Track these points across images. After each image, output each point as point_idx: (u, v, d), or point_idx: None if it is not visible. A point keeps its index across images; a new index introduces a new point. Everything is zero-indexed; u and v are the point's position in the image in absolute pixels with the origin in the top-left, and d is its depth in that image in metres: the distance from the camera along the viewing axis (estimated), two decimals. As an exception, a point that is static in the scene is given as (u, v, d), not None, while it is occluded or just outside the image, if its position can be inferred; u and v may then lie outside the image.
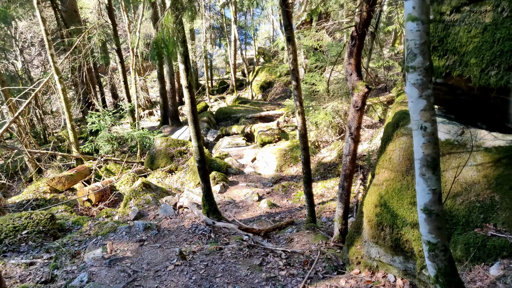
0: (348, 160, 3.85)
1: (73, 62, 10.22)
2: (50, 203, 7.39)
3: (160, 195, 7.13)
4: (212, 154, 10.85)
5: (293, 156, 9.05)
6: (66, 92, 9.25)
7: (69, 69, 10.77)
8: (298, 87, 4.68)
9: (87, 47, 10.33)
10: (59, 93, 9.25)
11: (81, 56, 10.20)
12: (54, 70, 8.94)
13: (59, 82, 9.13)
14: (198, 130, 5.46)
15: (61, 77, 9.14)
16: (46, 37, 8.61)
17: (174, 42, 3.86)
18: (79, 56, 10.32)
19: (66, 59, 9.81)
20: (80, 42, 10.06)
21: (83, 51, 10.24)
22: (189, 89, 5.12)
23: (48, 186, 7.58)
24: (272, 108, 17.56)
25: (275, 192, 7.53)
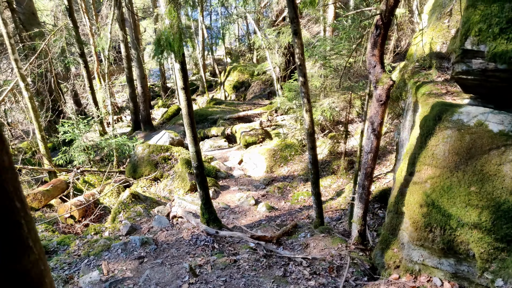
0: (370, 158, 3.65)
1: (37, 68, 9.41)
2: (26, 222, 6.70)
3: (151, 205, 6.66)
4: (195, 158, 10.40)
5: (283, 156, 8.82)
6: (34, 100, 8.49)
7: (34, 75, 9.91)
8: (306, 83, 4.43)
9: (53, 51, 9.55)
10: (26, 101, 8.47)
11: (47, 61, 9.41)
12: (19, 76, 8.17)
13: (26, 89, 8.37)
14: (195, 134, 5.08)
15: (27, 84, 8.37)
16: (9, 40, 7.84)
17: (180, 39, 3.49)
18: (45, 60, 9.52)
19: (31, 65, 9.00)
20: (45, 46, 9.29)
21: (49, 55, 9.46)
22: (185, 90, 4.74)
23: (22, 204, 6.87)
24: (249, 108, 17.28)
25: (270, 194, 7.26)
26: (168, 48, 3.48)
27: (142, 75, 16.47)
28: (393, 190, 3.41)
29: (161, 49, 3.57)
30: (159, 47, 3.54)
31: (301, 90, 4.51)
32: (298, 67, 4.36)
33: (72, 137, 8.77)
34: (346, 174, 7.19)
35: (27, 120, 14.26)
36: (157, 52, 3.65)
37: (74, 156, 8.98)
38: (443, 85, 3.41)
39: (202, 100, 23.11)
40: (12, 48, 8.01)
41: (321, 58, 6.11)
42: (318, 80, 6.10)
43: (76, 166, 8.69)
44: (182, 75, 4.61)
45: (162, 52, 3.65)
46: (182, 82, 4.67)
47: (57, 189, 7.67)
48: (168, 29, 3.37)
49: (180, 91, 4.75)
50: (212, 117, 15.41)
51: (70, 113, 8.83)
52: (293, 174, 8.23)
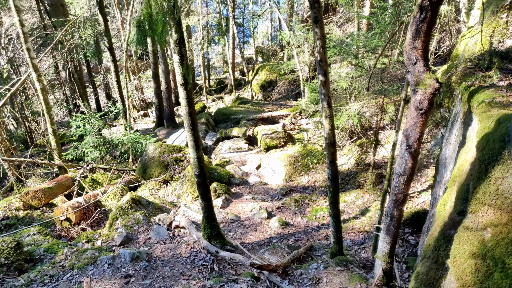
0: (402, 182, 2.81)
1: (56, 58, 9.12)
2: (23, 222, 6.31)
3: (153, 212, 6.07)
4: (211, 160, 9.79)
5: (304, 163, 8.01)
6: (46, 92, 8.16)
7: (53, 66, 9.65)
8: (327, 83, 3.63)
9: (70, 42, 9.24)
10: (38, 93, 8.16)
11: (63, 52, 9.10)
12: (31, 67, 7.85)
13: (38, 80, 8.05)
14: (197, 138, 4.41)
15: (39, 75, 8.05)
16: (21, 28, 7.52)
17: (165, 20, 2.81)
18: (62, 52, 9.22)
19: (46, 55, 8.70)
20: (62, 36, 8.97)
21: (66, 46, 9.15)
22: (185, 86, 4.07)
23: (21, 202, 6.50)
24: (274, 109, 16.55)
25: (286, 207, 6.48)
26: (149, 33, 2.82)
27: (166, 70, 16.10)
28: (431, 228, 2.58)
29: (143, 34, 2.91)
30: (141, 31, 2.88)
31: (321, 92, 3.72)
32: (318, 64, 3.57)
33: (83, 132, 8.37)
34: (374, 189, 6.29)
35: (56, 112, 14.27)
36: (138, 38, 2.99)
37: (85, 152, 8.60)
38: (509, 92, 2.54)
39: (229, 99, 22.58)
40: (24, 37, 7.69)
41: (350, 55, 5.27)
42: (346, 81, 5.27)
43: (87, 163, 8.29)
44: (182, 69, 3.95)
45: (144, 37, 2.99)
46: (181, 77, 4.00)
47: (61, 187, 7.26)
48: (154, 6, 2.69)
49: (179, 88, 4.08)
50: (235, 117, 14.79)
51: (83, 107, 8.43)
52: (313, 184, 7.40)
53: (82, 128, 8.39)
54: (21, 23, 7.52)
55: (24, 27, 7.60)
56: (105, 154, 9.01)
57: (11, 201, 6.66)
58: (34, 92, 8.28)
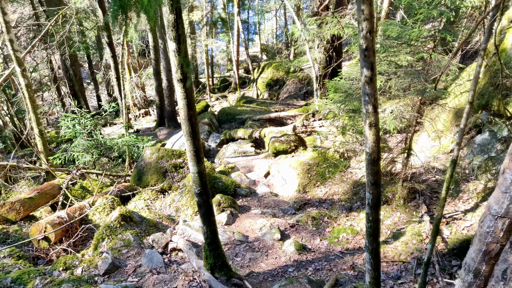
0: (502, 227, 1.90)
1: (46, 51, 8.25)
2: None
3: (146, 231, 5.18)
4: (215, 165, 8.89)
5: (319, 172, 7.10)
6: (31, 88, 7.28)
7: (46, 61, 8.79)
8: (373, 80, 2.71)
9: (61, 33, 8.36)
10: (23, 89, 7.29)
11: (53, 45, 8.22)
12: (15, 60, 6.98)
13: (22, 76, 7.18)
14: (198, 148, 3.50)
15: (24, 69, 7.18)
16: (3, 17, 6.64)
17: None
18: (52, 45, 8.35)
19: (35, 48, 7.82)
20: (52, 27, 8.09)
21: (56, 38, 8.27)
22: (184, 83, 3.16)
23: (-4, 215, 5.63)
24: (281, 109, 15.64)
25: (302, 226, 5.57)
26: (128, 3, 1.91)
27: (168, 67, 15.21)
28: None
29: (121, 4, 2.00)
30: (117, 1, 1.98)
31: (364, 91, 2.79)
32: (362, 53, 2.65)
33: (73, 134, 7.50)
34: (405, 206, 5.36)
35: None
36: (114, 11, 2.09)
37: (75, 155, 7.72)
38: None
39: (233, 98, 21.69)
40: (7, 27, 6.82)
41: (384, 48, 4.35)
42: (379, 79, 4.35)
43: (77, 167, 7.41)
44: (179, 60, 3.04)
45: (123, 10, 2.08)
46: (180, 72, 3.10)
47: (44, 197, 6.39)
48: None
49: (176, 85, 3.18)
50: (240, 117, 13.89)
51: (73, 106, 7.54)
52: (332, 197, 6.49)
53: (72, 130, 7.52)
54: (3, 11, 6.64)
55: (6, 15, 6.72)
56: (98, 158, 8.14)
57: (-16, 213, 5.79)
58: (19, 89, 7.40)
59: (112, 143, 7.79)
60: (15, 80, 7.66)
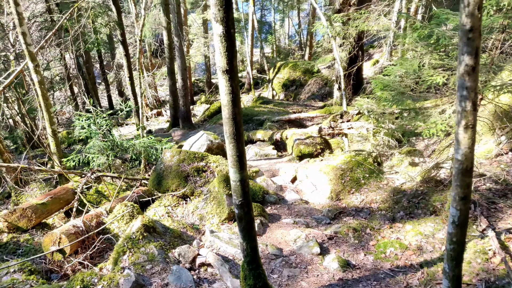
0: None
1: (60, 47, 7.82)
2: (6, 249, 4.98)
3: (171, 243, 4.67)
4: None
5: (353, 178, 6.54)
6: (45, 85, 6.85)
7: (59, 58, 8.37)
8: (476, 70, 2.16)
9: (75, 28, 7.93)
10: (36, 86, 6.86)
11: (67, 40, 7.79)
12: (27, 55, 6.55)
13: (35, 71, 6.75)
14: (242, 152, 2.98)
15: (37, 65, 6.74)
16: (15, 8, 6.21)
17: None
18: (66, 40, 7.92)
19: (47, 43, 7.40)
20: (66, 21, 7.66)
21: (71, 33, 7.84)
22: (231, 74, 2.64)
23: (5, 223, 5.17)
24: (300, 110, 15.10)
25: (341, 238, 5.01)
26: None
27: (183, 66, 14.77)
28: None
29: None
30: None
31: (462, 85, 2.23)
32: (465, 36, 2.09)
33: (87, 134, 7.05)
34: (460, 219, 4.77)
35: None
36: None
37: (89, 157, 7.27)
38: None
39: (247, 99, 21.21)
40: (19, 19, 6.39)
41: (444, 39, 3.78)
42: (439, 74, 3.78)
43: (92, 170, 6.95)
44: (226, 46, 2.52)
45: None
46: (227, 61, 2.58)
47: (58, 202, 5.94)
48: None
49: (220, 76, 2.66)
50: (258, 118, 13.38)
51: (88, 104, 7.09)
52: (370, 206, 5.92)
53: (87, 130, 7.06)
54: (15, 1, 6.21)
55: (19, 6, 6.29)
56: (113, 160, 7.68)
57: (-6, 220, 5.34)
58: (32, 86, 6.97)
59: (129, 145, 7.32)
60: (27, 77, 7.23)
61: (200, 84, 30.79)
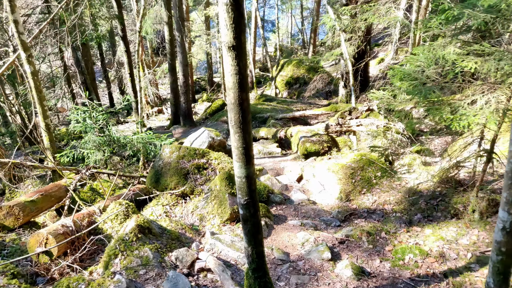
0: None
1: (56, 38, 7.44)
2: (-10, 250, 4.60)
3: (168, 245, 4.27)
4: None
5: (364, 177, 6.13)
6: (38, 77, 6.47)
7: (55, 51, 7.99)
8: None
9: (72, 18, 7.53)
10: (28, 77, 6.48)
11: (64, 30, 7.39)
12: (19, 44, 6.17)
13: (28, 62, 6.37)
14: (249, 144, 2.58)
15: (30, 55, 6.36)
16: (6, -7, 5.84)
17: None
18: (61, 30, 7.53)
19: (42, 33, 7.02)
20: (62, 10, 7.28)
21: (67, 23, 7.45)
22: (238, 51, 2.25)
23: (-9, 221, 4.79)
24: (304, 108, 14.70)
25: (353, 242, 4.60)
26: None
27: (185, 62, 14.38)
28: None
29: None
30: None
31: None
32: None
33: (82, 128, 6.67)
34: (485, 222, 4.36)
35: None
36: None
37: (84, 153, 6.88)
38: None
39: (250, 97, 20.82)
40: (11, 6, 6.01)
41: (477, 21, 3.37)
42: (471, 60, 3.38)
43: (87, 166, 6.56)
44: (234, 18, 2.13)
45: None
46: (233, 35, 2.19)
47: (49, 200, 5.55)
48: None
49: (225, 54, 2.26)
50: (261, 116, 12.98)
51: (84, 97, 6.71)
52: (383, 207, 5.51)
53: (82, 124, 6.68)
54: (6, -14, 5.84)
55: (10, -9, 5.91)
56: (110, 156, 7.29)
57: (-22, 218, 4.95)
58: (25, 78, 6.59)
59: (127, 140, 6.93)
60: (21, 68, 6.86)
61: (202, 83, 30.42)
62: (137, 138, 6.97)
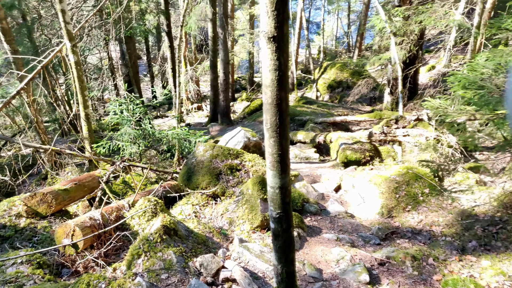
0: None
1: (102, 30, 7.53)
2: (22, 235, 4.62)
3: (193, 249, 4.05)
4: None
5: (410, 193, 5.61)
6: (81, 67, 6.52)
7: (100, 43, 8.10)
8: None
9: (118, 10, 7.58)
10: (72, 67, 6.56)
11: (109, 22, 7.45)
12: (65, 34, 6.24)
13: (72, 52, 6.44)
14: (285, 151, 2.27)
15: (74, 44, 6.42)
16: (55, -18, 5.91)
17: None
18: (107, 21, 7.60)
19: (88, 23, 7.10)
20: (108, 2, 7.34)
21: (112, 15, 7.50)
22: (279, 43, 1.94)
23: (25, 207, 4.81)
24: (345, 113, 14.13)
25: (395, 264, 4.14)
26: None
27: (226, 59, 14.28)
28: None
29: None
30: None
31: None
32: None
33: (119, 120, 6.66)
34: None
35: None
36: None
37: (120, 145, 6.88)
38: None
39: (289, 98, 20.43)
40: (59, -5, 6.08)
41: None
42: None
43: (122, 158, 6.53)
44: (277, 3, 1.82)
45: None
46: (275, 23, 1.88)
47: (81, 189, 5.54)
48: None
49: (264, 46, 1.96)
50: (300, 118, 12.59)
51: (123, 89, 6.70)
52: (430, 229, 4.98)
53: (119, 116, 6.67)
54: (56, -24, 5.91)
55: (59, -20, 5.98)
56: (145, 150, 7.25)
57: (14, 203, 5.01)
58: (69, 67, 6.68)
59: (162, 135, 6.84)
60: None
61: (242, 82, 30.42)
62: (172, 133, 6.86)
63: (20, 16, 10.75)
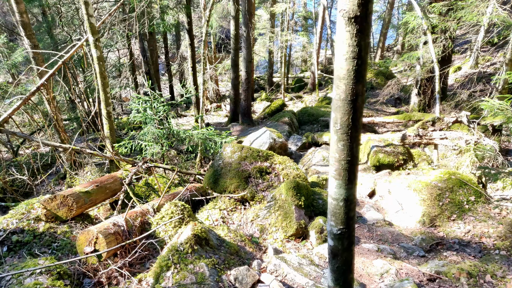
0: None
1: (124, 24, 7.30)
2: (41, 241, 4.36)
3: (226, 261, 3.71)
4: (302, 174, 7.28)
5: (455, 200, 5.15)
6: (103, 62, 6.28)
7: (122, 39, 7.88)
8: None
9: (141, 4, 7.33)
10: (94, 63, 6.33)
11: (133, 16, 7.21)
12: (88, 27, 6.01)
13: (95, 46, 6.20)
14: (355, 156, 1.90)
15: (97, 39, 6.18)
16: (80, -25, 5.67)
17: None
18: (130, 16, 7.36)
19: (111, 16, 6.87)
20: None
21: (136, 9, 7.25)
22: (361, 27, 1.57)
23: (44, 210, 4.57)
24: (370, 114, 13.62)
25: (447, 281, 3.72)
26: None
27: (248, 58, 13.96)
28: None
29: None
30: None
31: None
32: None
33: (142, 119, 6.39)
34: None
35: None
36: None
37: (142, 145, 6.62)
38: None
39: (310, 99, 20.01)
40: (84, -12, 5.84)
41: None
42: None
43: (144, 159, 6.26)
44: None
45: None
46: (358, 0, 1.51)
47: (103, 191, 5.27)
48: None
49: (342, 28, 1.60)
50: (324, 119, 12.16)
51: (147, 86, 6.44)
52: (479, 240, 4.53)
53: (142, 114, 6.40)
54: (80, -32, 5.68)
55: (84, -27, 5.75)
56: (167, 150, 6.97)
57: (32, 205, 4.77)
58: (91, 62, 6.45)
59: (186, 135, 6.55)
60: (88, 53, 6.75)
61: (260, 82, 30.08)
62: (197, 133, 6.55)
63: (41, 13, 10.69)
